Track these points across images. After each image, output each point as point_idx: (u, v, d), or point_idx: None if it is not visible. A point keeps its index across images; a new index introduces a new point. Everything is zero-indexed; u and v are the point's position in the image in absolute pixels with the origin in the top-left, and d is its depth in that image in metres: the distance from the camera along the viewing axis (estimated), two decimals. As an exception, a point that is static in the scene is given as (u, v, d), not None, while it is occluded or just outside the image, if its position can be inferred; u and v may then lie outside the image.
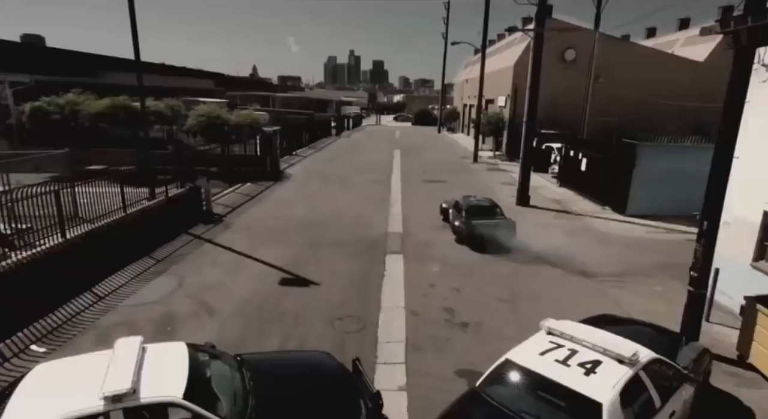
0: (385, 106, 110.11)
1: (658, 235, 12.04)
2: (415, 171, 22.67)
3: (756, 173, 7.23)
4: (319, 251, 10.46)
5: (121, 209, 9.77)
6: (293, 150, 27.97)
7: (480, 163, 26.12)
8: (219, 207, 13.87)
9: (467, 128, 43.77)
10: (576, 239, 11.60)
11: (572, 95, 25.58)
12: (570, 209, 14.88)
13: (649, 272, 9.41)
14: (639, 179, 13.55)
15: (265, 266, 9.25)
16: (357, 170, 22.58)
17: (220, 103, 34.11)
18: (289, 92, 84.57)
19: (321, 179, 19.81)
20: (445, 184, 19.26)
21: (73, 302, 7.34)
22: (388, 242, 11.28)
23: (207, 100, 32.56)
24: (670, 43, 31.00)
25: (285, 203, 15.34)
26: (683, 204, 12.10)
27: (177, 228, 11.30)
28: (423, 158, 27.81)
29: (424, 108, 66.49)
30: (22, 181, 17.73)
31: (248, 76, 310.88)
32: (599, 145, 17.41)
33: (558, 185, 19.00)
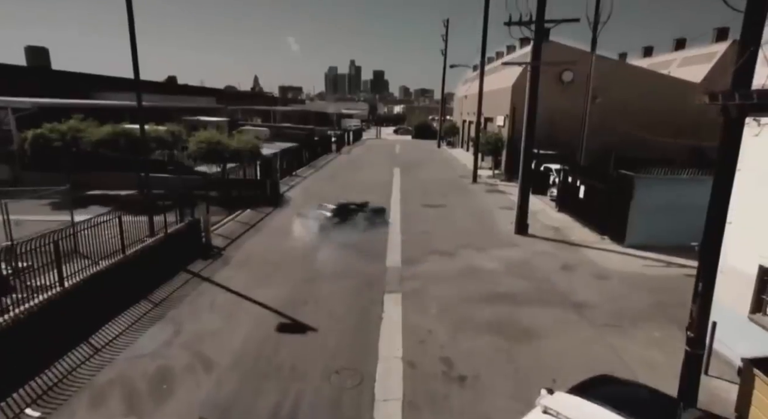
0: (386, 117, 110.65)
1: (656, 269, 12.03)
2: (414, 193, 22.73)
3: (751, 225, 7.26)
4: (317, 287, 10.47)
5: (120, 251, 9.74)
6: (293, 170, 28.07)
7: (479, 183, 26.20)
8: (218, 239, 13.90)
9: (466, 143, 43.97)
10: (574, 274, 11.59)
11: (570, 115, 25.74)
12: (569, 239, 14.88)
13: (647, 313, 9.39)
14: (637, 210, 13.59)
15: (262, 309, 9.25)
16: (356, 190, 22.61)
17: (221, 123, 34.41)
18: (290, 105, 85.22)
19: (316, 201, 19.81)
20: (444, 209, 19.30)
21: (71, 355, 7.33)
22: (386, 278, 11.29)
23: (208, 120, 32.85)
24: (666, 62, 31.27)
25: (284, 231, 15.37)
26: (681, 234, 12.09)
27: (176, 265, 11.31)
28: (422, 177, 27.91)
29: (424, 121, 66.88)
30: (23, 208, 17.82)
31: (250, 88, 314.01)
32: (597, 172, 17.48)
33: (557, 210, 19.03)
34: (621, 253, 13.33)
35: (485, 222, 17.20)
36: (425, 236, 14.95)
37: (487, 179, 27.82)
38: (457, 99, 54.40)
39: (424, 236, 15.04)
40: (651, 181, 13.61)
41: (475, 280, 11.10)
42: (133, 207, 17.48)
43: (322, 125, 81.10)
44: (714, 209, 5.65)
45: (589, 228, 15.95)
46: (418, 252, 13.22)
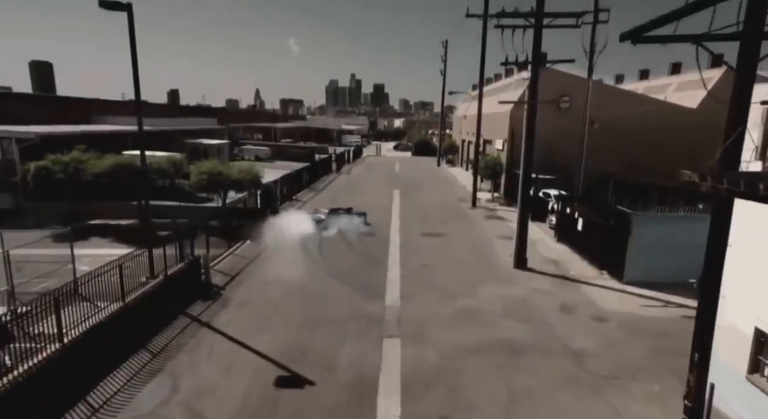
0: (386, 132, 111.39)
1: (654, 310, 12.03)
2: (413, 219, 22.81)
3: (747, 286, 7.31)
4: (316, 332, 10.48)
5: (120, 299, 9.77)
6: (294, 194, 28.21)
7: (478, 208, 26.31)
8: (218, 276, 13.93)
9: (465, 162, 44.21)
10: (573, 316, 11.60)
11: (568, 140, 25.94)
12: (567, 273, 14.90)
13: (646, 364, 9.37)
14: (635, 247, 13.64)
15: (260, 360, 9.24)
16: (354, 214, 22.70)
17: (222, 146, 34.72)
18: (291, 121, 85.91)
19: (318, 231, 19.87)
20: (444, 239, 19.36)
21: (69, 417, 7.32)
22: (386, 318, 11.31)
23: (210, 143, 33.14)
24: (663, 86, 31.62)
25: (284, 264, 15.38)
26: (680, 270, 12.19)
27: (175, 308, 11.33)
28: (422, 201, 28.04)
29: (423, 138, 67.36)
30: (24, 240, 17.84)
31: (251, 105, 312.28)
32: (595, 205, 17.60)
33: (555, 240, 19.09)
34: (619, 291, 13.34)
35: (484, 254, 17.24)
36: (424, 271, 14.99)
37: (486, 202, 27.93)
38: (456, 118, 54.88)
39: (423, 270, 15.08)
40: (648, 218, 13.69)
41: (475, 323, 11.11)
42: (134, 238, 17.72)
43: (323, 141, 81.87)
44: (708, 281, 5.71)
45: (588, 261, 15.98)
46: (417, 289, 13.24)
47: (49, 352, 7.77)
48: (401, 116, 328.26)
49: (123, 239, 18.02)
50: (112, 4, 10.48)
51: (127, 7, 10.60)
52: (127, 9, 10.62)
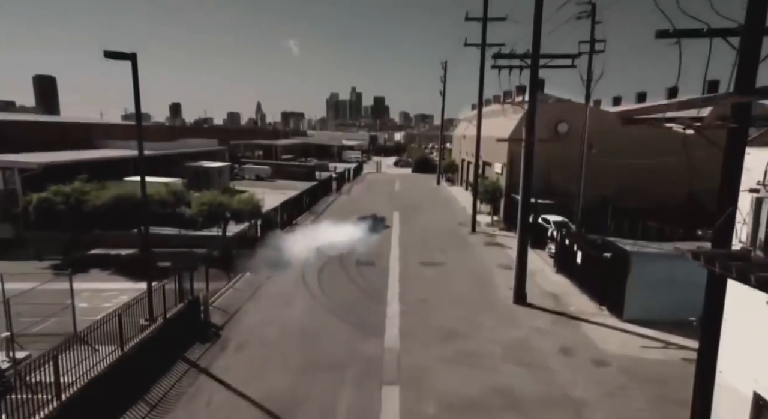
0: (386, 148, 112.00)
1: (654, 352, 12.00)
2: (413, 246, 22.87)
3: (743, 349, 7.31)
4: (315, 378, 10.44)
5: (118, 348, 9.75)
6: (294, 219, 28.27)
7: (478, 233, 26.36)
8: (217, 314, 13.92)
9: (465, 182, 44.40)
10: (573, 360, 11.56)
11: (566, 165, 26.13)
12: (567, 310, 14.88)
13: (646, 414, 9.32)
14: (634, 285, 13.66)
15: (259, 412, 9.20)
16: (354, 243, 22.74)
17: (223, 168, 34.93)
18: (291, 138, 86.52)
19: (317, 260, 19.87)
20: (443, 269, 19.37)
21: (64, 480, 7.27)
22: (384, 362, 11.27)
23: (210, 166, 33.34)
24: (660, 110, 31.93)
25: (283, 299, 15.42)
26: (680, 308, 12.16)
27: (174, 353, 11.30)
28: (422, 224, 28.11)
29: (423, 156, 67.72)
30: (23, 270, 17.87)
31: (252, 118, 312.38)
32: (595, 230, 17.65)
33: (555, 271, 19.09)
34: (620, 330, 13.31)
35: (484, 287, 17.24)
36: (423, 307, 14.97)
37: (486, 226, 27.99)
38: (456, 136, 55.28)
39: (422, 306, 15.07)
40: (647, 256, 13.73)
41: (475, 368, 11.06)
42: (134, 270, 17.74)
43: (323, 157, 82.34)
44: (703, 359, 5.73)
45: (588, 295, 15.97)
46: (417, 328, 13.22)
47: (47, 411, 7.75)
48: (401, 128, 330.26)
49: (123, 271, 18.05)
50: (116, 54, 10.69)
51: (131, 57, 10.82)
52: (131, 58, 10.83)
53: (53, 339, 11.90)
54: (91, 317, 13.27)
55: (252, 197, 19.75)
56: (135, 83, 11.31)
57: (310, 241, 23.01)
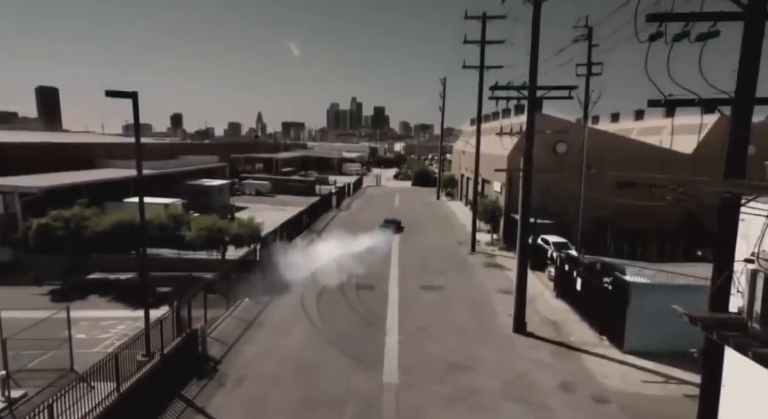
0: (386, 159, 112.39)
1: (655, 387, 11.90)
2: (412, 267, 22.84)
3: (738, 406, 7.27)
4: (313, 418, 10.37)
5: (115, 390, 9.68)
6: (293, 238, 28.25)
7: (478, 253, 26.32)
8: (215, 346, 13.83)
9: (465, 197, 44.45)
10: (573, 397, 11.46)
11: (565, 184, 26.16)
12: (567, 340, 14.79)
13: (647, 459, 9.21)
14: (635, 316, 13.59)
15: (256, 456, 9.10)
16: (353, 264, 22.71)
17: (223, 186, 35.01)
18: (292, 150, 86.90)
19: (317, 284, 19.79)
20: (442, 293, 19.32)
21: None
22: (383, 400, 11.18)
23: (210, 184, 33.42)
24: (657, 128, 32.12)
25: (282, 327, 15.36)
26: (681, 339, 12.08)
27: (171, 390, 11.21)
28: (421, 244, 28.09)
29: (423, 169, 67.89)
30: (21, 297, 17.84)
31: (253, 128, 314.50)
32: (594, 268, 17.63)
33: (555, 295, 19.02)
34: (620, 362, 13.21)
35: (484, 314, 17.16)
36: (422, 336, 14.89)
37: (485, 246, 27.97)
38: (455, 150, 55.48)
39: (422, 335, 14.99)
40: (647, 287, 13.70)
41: (474, 406, 10.96)
42: (132, 297, 17.69)
43: (324, 169, 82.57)
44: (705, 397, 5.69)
45: (588, 323, 15.89)
46: (416, 360, 13.13)
47: (41, 463, 7.67)
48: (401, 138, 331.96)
49: (121, 298, 17.97)
50: (118, 93, 10.81)
51: (132, 95, 10.93)
52: (132, 97, 10.95)
53: (50, 374, 11.89)
54: (88, 349, 13.30)
55: (251, 221, 19.77)
56: (135, 119, 11.43)
57: (310, 263, 22.96)
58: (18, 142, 25.03)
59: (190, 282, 20.28)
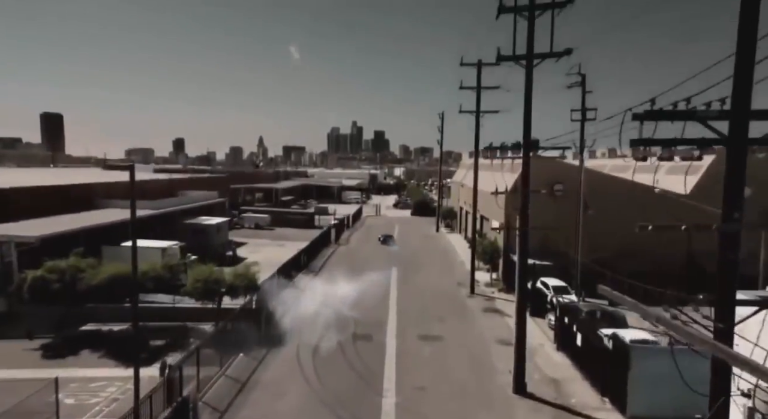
0: (386, 186, 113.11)
1: (661, 463, 11.49)
2: (410, 313, 22.60)
3: None
4: None
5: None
6: (291, 279, 28.04)
7: (477, 296, 26.07)
8: (206, 413, 13.48)
9: (464, 230, 44.39)
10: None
11: (564, 225, 26.10)
12: (568, 402, 14.41)
13: None
14: (637, 380, 13.28)
15: None
16: (351, 309, 22.44)
17: (222, 224, 35.01)
18: (292, 179, 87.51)
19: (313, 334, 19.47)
20: (441, 344, 19.00)
21: None
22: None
23: (209, 223, 33.42)
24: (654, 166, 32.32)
25: (276, 388, 15.01)
26: (684, 404, 11.75)
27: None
28: (420, 285, 27.86)
29: (422, 199, 68.17)
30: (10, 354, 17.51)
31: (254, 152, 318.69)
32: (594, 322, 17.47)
33: (556, 348, 18.68)
34: (623, 430, 12.84)
35: (483, 370, 16.80)
36: (420, 398, 14.52)
37: (485, 287, 27.72)
38: (454, 183, 55.78)
39: (420, 396, 14.62)
40: (648, 351, 13.45)
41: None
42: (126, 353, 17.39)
43: (323, 197, 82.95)
44: None
45: (589, 382, 15.52)
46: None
47: None
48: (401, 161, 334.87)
49: (114, 353, 17.65)
50: (116, 166, 10.93)
51: (129, 168, 11.04)
52: (129, 168, 11.05)
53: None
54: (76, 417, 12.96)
55: (248, 271, 19.62)
56: (131, 187, 11.52)
57: (307, 310, 22.68)
58: (17, 187, 25.22)
59: (184, 333, 20.05)
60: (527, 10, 13.24)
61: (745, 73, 5.82)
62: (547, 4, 12.94)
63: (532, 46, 13.50)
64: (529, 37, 13.44)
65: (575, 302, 22.40)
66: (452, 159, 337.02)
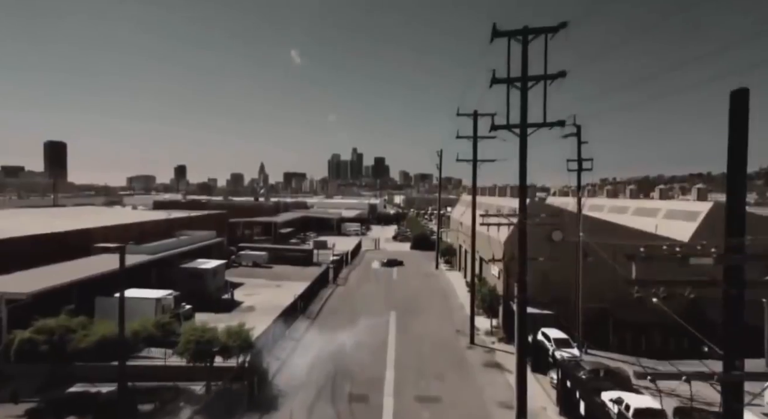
0: (385, 216, 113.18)
1: None
2: (409, 368, 22.00)
3: None
4: None
5: None
6: (287, 325, 27.49)
7: (477, 347, 25.47)
8: None
9: (464, 269, 43.98)
10: None
11: (563, 272, 25.82)
12: (573, 481, 13.76)
13: None
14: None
15: None
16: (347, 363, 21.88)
17: (219, 268, 34.68)
18: (291, 210, 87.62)
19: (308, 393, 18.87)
20: (440, 406, 18.38)
21: None
22: None
23: (205, 268, 33.10)
24: (653, 210, 32.31)
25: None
26: None
27: None
28: (419, 333, 27.28)
29: (422, 233, 68.00)
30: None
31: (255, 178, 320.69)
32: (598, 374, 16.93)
33: (558, 412, 18.05)
34: None
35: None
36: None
37: (485, 336, 27.14)
38: (453, 219, 55.74)
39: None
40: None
41: None
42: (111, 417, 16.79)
43: (323, 229, 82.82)
44: None
45: (594, 455, 14.89)
46: None
47: None
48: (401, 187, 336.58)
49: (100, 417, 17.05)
50: (107, 248, 10.80)
51: (120, 250, 10.91)
52: (120, 251, 10.92)
53: None
54: None
55: (241, 331, 19.14)
56: (121, 271, 11.36)
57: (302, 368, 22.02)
58: (12, 238, 25.11)
59: (174, 396, 19.41)
60: (521, 40, 13.07)
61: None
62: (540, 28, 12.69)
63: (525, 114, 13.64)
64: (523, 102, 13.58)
65: (577, 357, 21.83)
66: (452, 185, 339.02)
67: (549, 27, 12.99)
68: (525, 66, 13.41)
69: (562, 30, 12.74)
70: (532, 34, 13.09)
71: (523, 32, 13.09)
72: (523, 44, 13.23)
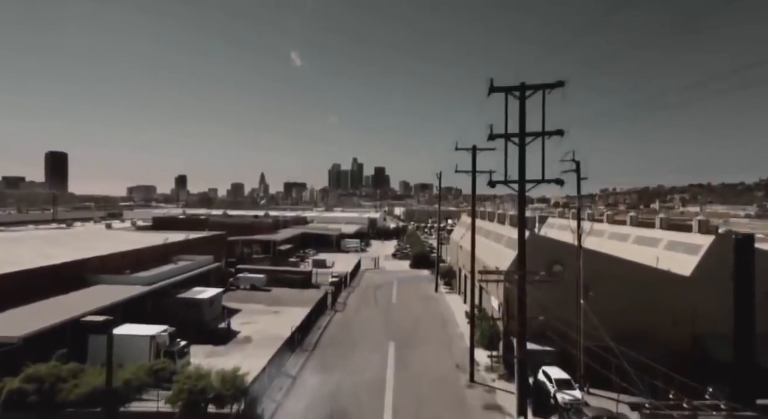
0: (385, 231, 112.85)
1: None
2: (407, 411, 21.48)
3: None
4: None
5: None
6: (283, 360, 26.99)
7: (477, 385, 24.96)
8: None
9: (464, 294, 43.54)
10: None
11: (564, 307, 25.41)
12: None
13: None
14: None
15: None
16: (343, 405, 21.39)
17: (216, 297, 34.27)
18: (290, 227, 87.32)
19: None
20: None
21: None
22: None
23: (202, 298, 32.69)
24: (654, 239, 31.99)
25: None
26: None
27: None
28: (417, 368, 26.78)
29: (422, 252, 67.65)
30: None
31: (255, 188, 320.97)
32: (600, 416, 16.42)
33: (561, 465, 17.55)
34: None
35: None
36: None
37: (485, 372, 26.64)
38: (453, 240, 55.42)
39: None
40: None
41: None
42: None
43: (322, 246, 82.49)
44: None
45: None
46: None
47: None
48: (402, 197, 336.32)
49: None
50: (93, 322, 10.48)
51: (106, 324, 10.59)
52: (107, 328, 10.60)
53: None
54: None
55: (236, 376, 18.74)
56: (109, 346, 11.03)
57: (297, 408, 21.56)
58: (4, 274, 24.84)
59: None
60: (518, 94, 12.98)
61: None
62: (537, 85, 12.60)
63: (524, 169, 13.45)
64: (521, 163, 13.40)
65: (579, 401, 21.36)
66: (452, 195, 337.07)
67: (546, 84, 12.86)
68: (522, 122, 13.26)
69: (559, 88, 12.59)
70: (530, 90, 12.94)
71: (520, 89, 12.96)
72: (520, 100, 13.10)
